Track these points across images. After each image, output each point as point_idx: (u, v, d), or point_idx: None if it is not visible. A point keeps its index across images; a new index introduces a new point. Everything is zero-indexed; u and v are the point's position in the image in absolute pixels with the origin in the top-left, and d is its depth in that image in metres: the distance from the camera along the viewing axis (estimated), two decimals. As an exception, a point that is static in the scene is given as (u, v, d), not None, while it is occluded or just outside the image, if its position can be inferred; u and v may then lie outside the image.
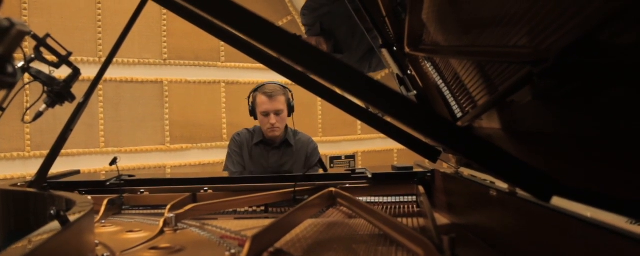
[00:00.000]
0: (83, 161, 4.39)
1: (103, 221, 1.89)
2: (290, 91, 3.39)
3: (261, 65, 1.73)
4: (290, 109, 3.37)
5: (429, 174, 2.14)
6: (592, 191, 0.93)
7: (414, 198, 2.12)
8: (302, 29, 4.04)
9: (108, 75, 2.20)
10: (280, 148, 3.44)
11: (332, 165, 5.35)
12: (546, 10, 0.84)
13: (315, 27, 3.32)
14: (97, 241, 1.52)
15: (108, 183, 2.21)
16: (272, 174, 2.43)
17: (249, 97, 3.41)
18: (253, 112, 3.38)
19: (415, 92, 1.99)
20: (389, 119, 1.56)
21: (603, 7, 0.68)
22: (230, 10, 0.99)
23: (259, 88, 3.35)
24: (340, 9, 2.82)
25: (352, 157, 5.52)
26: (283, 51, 1.02)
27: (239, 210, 2.07)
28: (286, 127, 3.47)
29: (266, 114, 3.29)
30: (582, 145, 0.94)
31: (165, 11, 4.64)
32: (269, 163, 3.38)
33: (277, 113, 3.28)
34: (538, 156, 1.19)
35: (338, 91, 1.56)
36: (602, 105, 0.82)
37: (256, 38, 1.02)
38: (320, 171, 2.44)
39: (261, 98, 3.29)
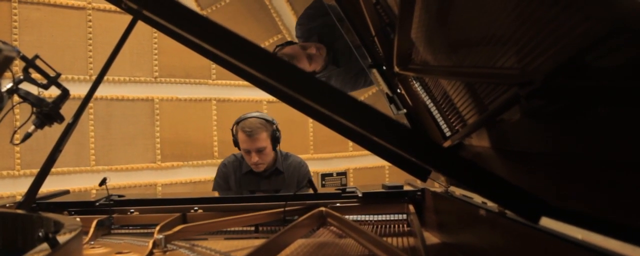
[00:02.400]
0: (73, 179, 4.36)
1: (92, 242, 1.88)
2: (275, 123, 3.29)
3: (252, 83, 1.73)
4: (276, 141, 3.26)
5: (419, 193, 2.13)
6: (582, 212, 0.93)
7: (405, 216, 2.11)
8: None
9: (99, 93, 2.18)
10: (271, 177, 3.35)
11: (323, 182, 5.34)
12: (532, 32, 0.85)
13: (312, 39, 3.21)
14: (85, 264, 1.52)
15: (97, 204, 2.20)
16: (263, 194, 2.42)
17: (232, 128, 3.31)
18: (236, 145, 3.29)
19: (405, 110, 2.00)
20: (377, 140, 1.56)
21: (588, 31, 0.69)
22: (217, 33, 1.00)
23: (240, 123, 3.23)
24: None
25: (343, 173, 5.50)
26: (271, 75, 1.03)
27: (229, 229, 2.06)
28: (277, 152, 3.38)
29: (247, 152, 3.20)
30: (571, 165, 0.95)
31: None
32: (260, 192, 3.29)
33: (259, 150, 3.18)
34: (528, 175, 1.19)
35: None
36: (590, 125, 0.82)
37: (244, 61, 1.03)
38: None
39: (241, 136, 3.18)
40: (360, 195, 2.17)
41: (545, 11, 0.78)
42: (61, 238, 1.25)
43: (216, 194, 3.05)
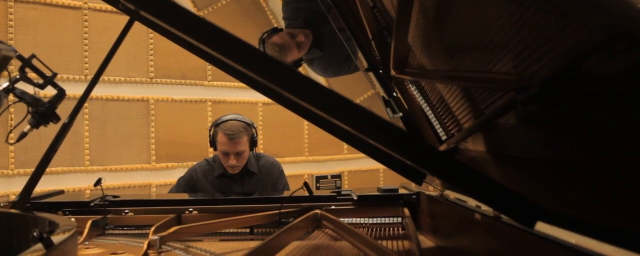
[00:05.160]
0: (68, 179, 4.35)
1: (86, 242, 1.87)
2: (254, 127, 3.30)
3: (247, 85, 1.73)
4: (253, 144, 3.26)
5: (414, 196, 2.14)
6: (576, 217, 0.94)
7: (399, 220, 2.12)
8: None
9: (94, 93, 2.17)
10: (244, 178, 3.35)
11: (317, 185, 5.34)
12: (530, 38, 0.85)
13: (298, 20, 3.15)
14: (79, 264, 1.51)
15: (92, 204, 2.19)
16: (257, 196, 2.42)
17: (210, 129, 3.31)
18: (213, 145, 3.28)
19: (400, 114, 2.00)
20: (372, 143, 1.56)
21: (586, 38, 0.69)
22: (214, 34, 1.00)
23: (220, 125, 3.22)
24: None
25: (338, 176, 5.51)
26: (267, 77, 1.03)
27: (223, 231, 2.06)
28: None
29: (226, 154, 3.20)
30: (567, 171, 0.95)
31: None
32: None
33: (238, 154, 3.19)
34: (523, 180, 1.19)
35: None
36: (586, 130, 0.83)
37: (240, 63, 1.03)
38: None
39: (222, 138, 3.17)
40: (355, 197, 2.17)
41: (544, 17, 0.78)
42: (56, 239, 1.24)
43: (210, 195, 3.04)
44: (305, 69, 3.53)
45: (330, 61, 3.24)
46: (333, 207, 2.14)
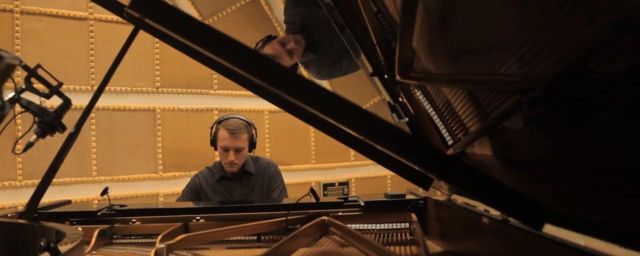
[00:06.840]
0: (75, 190, 4.35)
1: (94, 252, 1.87)
2: (255, 128, 3.41)
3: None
4: (252, 145, 3.36)
5: (421, 201, 2.13)
6: (585, 219, 0.93)
7: (407, 225, 2.11)
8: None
9: (100, 103, 2.18)
10: (242, 180, 3.42)
11: (325, 192, 5.33)
12: (535, 39, 0.85)
13: (295, 25, 3.25)
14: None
15: (99, 213, 2.19)
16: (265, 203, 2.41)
17: (212, 127, 3.41)
18: (214, 143, 3.38)
19: (406, 119, 1.99)
20: (380, 147, 1.55)
21: (591, 36, 0.68)
22: (220, 41, 1.00)
23: (222, 121, 3.34)
24: (322, 11, 2.77)
25: (345, 183, 5.51)
26: (274, 83, 1.02)
27: (231, 239, 2.05)
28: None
29: (226, 149, 3.29)
30: (574, 172, 0.94)
31: (157, 39, 4.63)
32: (233, 198, 3.36)
33: (237, 150, 3.27)
34: (531, 183, 1.19)
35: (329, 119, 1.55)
36: (592, 131, 0.82)
37: (247, 69, 1.03)
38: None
39: (223, 133, 3.28)
40: (362, 204, 2.16)
41: (548, 16, 0.78)
42: (63, 248, 1.24)
43: (217, 203, 3.04)
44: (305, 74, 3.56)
45: (323, 64, 3.32)
46: (340, 214, 2.14)
